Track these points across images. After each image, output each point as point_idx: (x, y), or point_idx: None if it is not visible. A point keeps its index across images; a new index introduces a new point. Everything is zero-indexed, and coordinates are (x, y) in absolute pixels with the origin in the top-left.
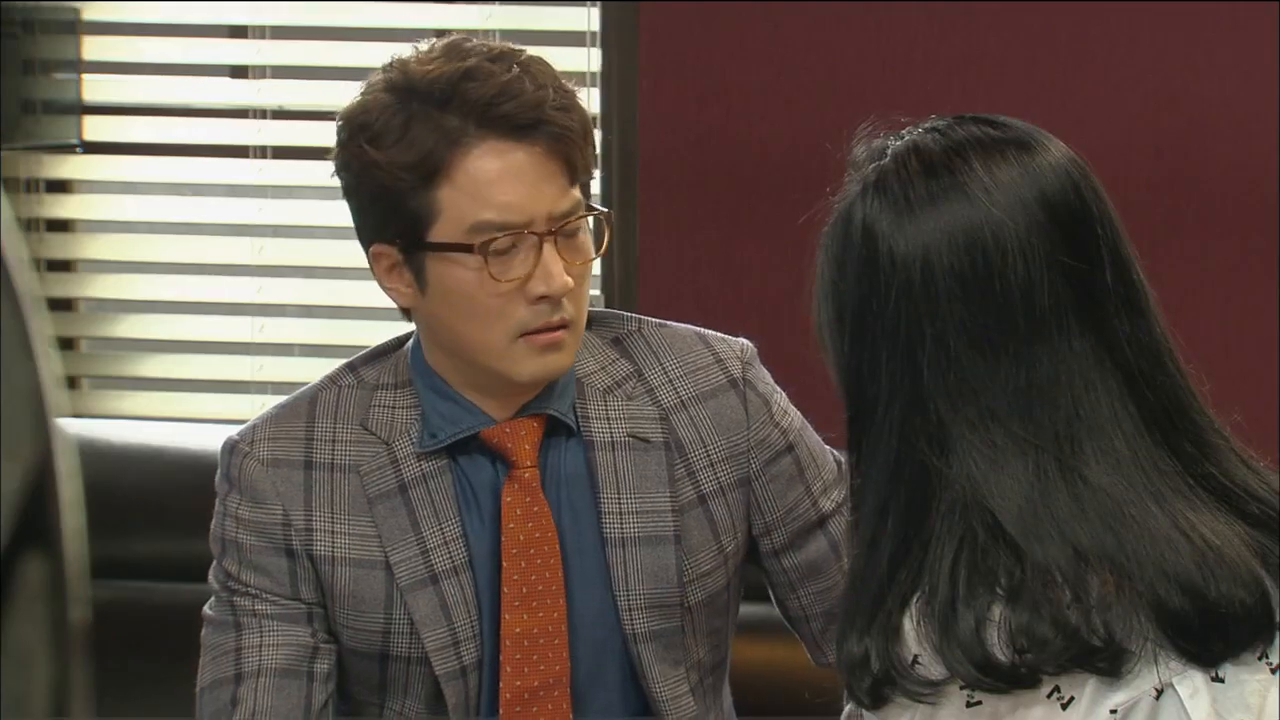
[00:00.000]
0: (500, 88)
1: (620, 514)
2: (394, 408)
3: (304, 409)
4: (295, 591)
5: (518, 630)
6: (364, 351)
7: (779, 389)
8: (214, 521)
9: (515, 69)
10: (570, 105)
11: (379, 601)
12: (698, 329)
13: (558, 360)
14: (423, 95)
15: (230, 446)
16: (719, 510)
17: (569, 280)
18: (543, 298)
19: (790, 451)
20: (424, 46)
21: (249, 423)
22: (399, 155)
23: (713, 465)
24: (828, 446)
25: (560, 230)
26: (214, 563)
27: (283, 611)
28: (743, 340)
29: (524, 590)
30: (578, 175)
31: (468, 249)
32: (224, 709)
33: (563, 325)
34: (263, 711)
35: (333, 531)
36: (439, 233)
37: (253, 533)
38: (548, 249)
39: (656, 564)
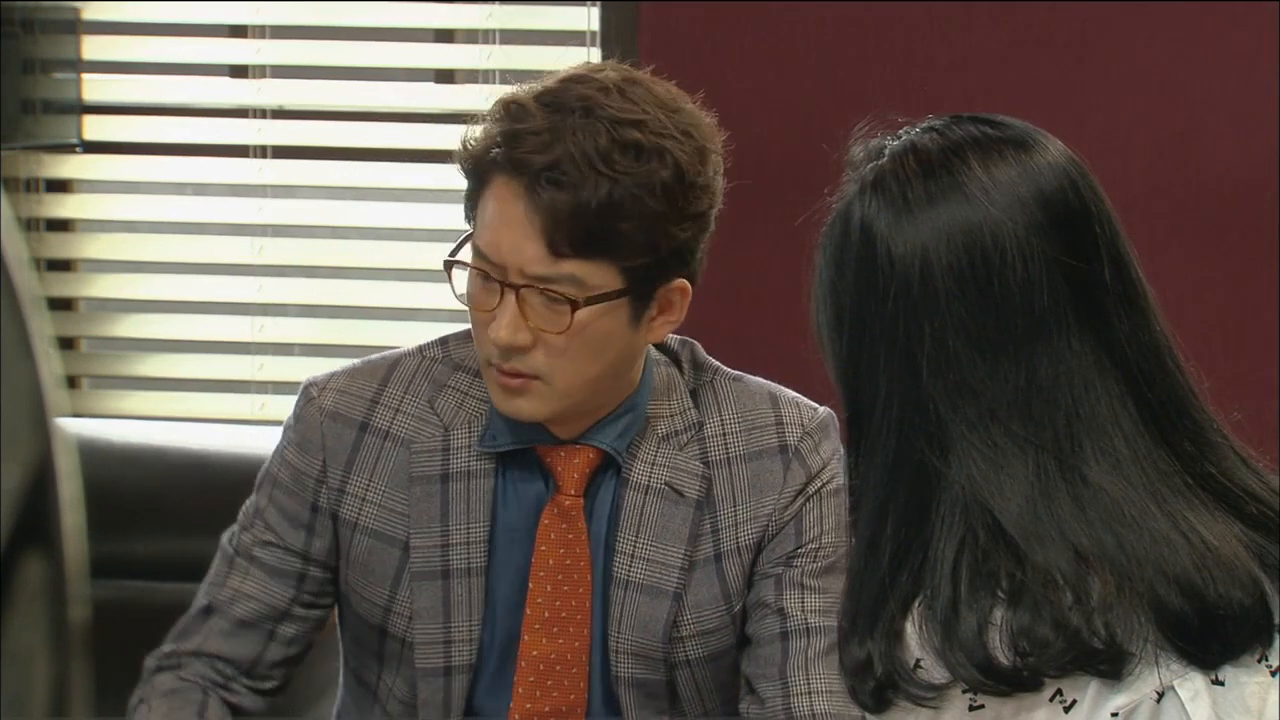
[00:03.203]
0: (532, 130)
1: (631, 556)
2: (466, 394)
3: (381, 371)
4: (306, 544)
5: (535, 653)
6: (465, 328)
7: (841, 492)
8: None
9: (576, 117)
10: (614, 177)
11: (387, 578)
12: (776, 388)
13: (518, 405)
14: (503, 110)
15: (305, 386)
16: (731, 570)
17: (514, 339)
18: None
19: (791, 563)
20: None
21: (333, 370)
22: (470, 149)
23: (736, 525)
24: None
25: (532, 289)
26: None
27: (277, 565)
28: (823, 410)
29: (546, 615)
30: (578, 248)
31: (461, 263)
32: (191, 627)
33: (518, 375)
34: (212, 651)
35: (364, 499)
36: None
37: (290, 475)
38: (508, 299)
39: (648, 614)
